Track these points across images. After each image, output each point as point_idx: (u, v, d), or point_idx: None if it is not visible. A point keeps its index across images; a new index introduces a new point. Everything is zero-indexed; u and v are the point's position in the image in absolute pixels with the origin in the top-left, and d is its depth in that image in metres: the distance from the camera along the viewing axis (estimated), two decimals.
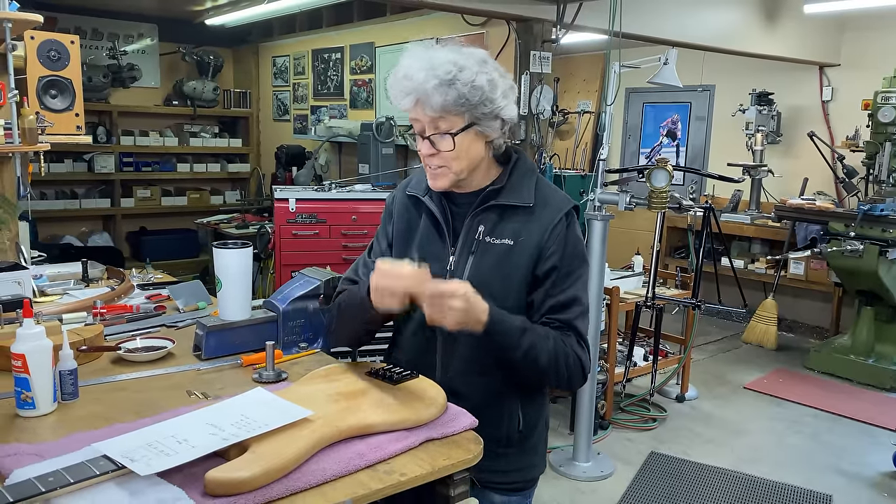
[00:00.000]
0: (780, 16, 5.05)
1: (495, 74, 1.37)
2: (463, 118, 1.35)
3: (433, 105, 1.32)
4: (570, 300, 1.42)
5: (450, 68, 1.31)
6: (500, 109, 1.37)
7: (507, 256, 1.42)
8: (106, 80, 6.22)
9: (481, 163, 1.43)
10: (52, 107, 2.23)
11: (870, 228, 4.38)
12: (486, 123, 1.37)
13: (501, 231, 1.43)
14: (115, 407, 1.37)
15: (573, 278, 1.43)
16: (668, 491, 3.19)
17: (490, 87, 1.34)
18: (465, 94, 1.32)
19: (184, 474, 1.06)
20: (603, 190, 3.21)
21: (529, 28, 4.01)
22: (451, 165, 1.39)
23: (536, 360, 1.36)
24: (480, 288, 1.37)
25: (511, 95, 1.40)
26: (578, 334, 1.42)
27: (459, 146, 1.37)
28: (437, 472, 1.18)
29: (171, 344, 1.70)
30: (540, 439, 1.55)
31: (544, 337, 1.38)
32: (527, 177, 1.46)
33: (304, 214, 4.14)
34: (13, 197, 2.22)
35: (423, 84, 1.31)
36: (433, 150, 1.38)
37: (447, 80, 1.30)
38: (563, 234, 1.42)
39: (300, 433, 1.16)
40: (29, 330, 1.30)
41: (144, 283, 2.39)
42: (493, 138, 1.41)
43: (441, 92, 1.31)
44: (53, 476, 0.99)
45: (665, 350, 4.22)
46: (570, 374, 1.40)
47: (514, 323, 1.35)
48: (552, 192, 1.48)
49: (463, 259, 1.45)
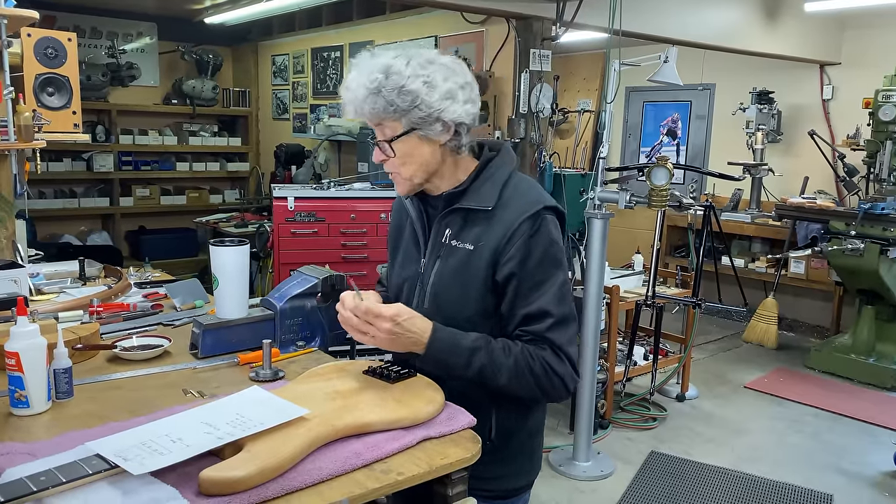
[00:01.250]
0: (781, 14, 5.04)
1: (437, 76, 1.31)
2: (400, 123, 1.32)
3: (366, 114, 1.32)
4: (539, 312, 1.34)
5: (376, 76, 1.29)
6: (440, 112, 1.31)
7: (468, 261, 1.37)
8: (105, 78, 6.20)
9: (441, 166, 1.39)
10: (50, 104, 2.22)
11: (870, 227, 4.37)
12: (428, 128, 1.33)
13: (466, 235, 1.39)
14: (110, 406, 1.36)
15: (542, 288, 1.34)
16: (668, 490, 3.17)
17: (427, 90, 1.30)
18: (394, 101, 1.29)
19: (178, 473, 1.05)
20: (603, 188, 3.20)
21: (529, 26, 3.99)
22: (401, 171, 1.38)
23: (495, 379, 1.32)
24: (443, 293, 1.40)
25: (459, 95, 1.33)
26: (554, 346, 1.34)
27: (402, 152, 1.35)
28: (435, 471, 1.17)
29: (168, 342, 1.69)
30: (520, 450, 1.48)
31: (504, 355, 1.32)
32: (495, 176, 1.40)
33: (302, 213, 4.13)
34: (10, 195, 2.21)
35: (356, 93, 1.32)
36: (382, 157, 1.38)
37: (373, 89, 1.29)
38: (525, 240, 1.34)
39: (296, 432, 1.14)
40: (23, 328, 1.29)
41: (142, 282, 2.38)
42: (445, 141, 1.36)
43: (370, 101, 1.30)
44: (45, 475, 0.98)
45: (665, 349, 4.21)
46: (544, 388, 1.34)
47: (462, 343, 1.32)
48: (519, 195, 1.39)
49: (431, 262, 1.43)
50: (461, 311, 1.38)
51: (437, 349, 1.31)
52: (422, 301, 1.44)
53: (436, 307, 1.40)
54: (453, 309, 1.38)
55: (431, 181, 1.41)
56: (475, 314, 1.38)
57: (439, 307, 1.40)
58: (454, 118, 1.34)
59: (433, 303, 1.41)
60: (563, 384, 1.35)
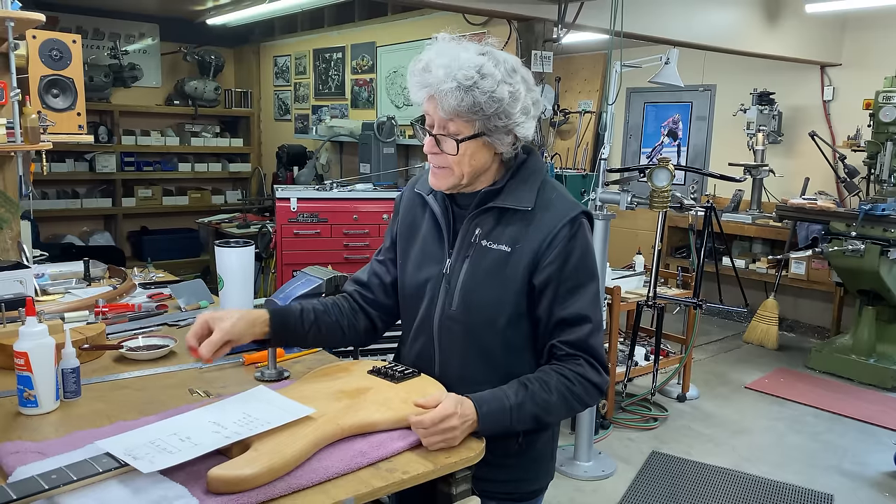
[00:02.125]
0: (782, 15, 5.05)
1: (521, 87, 1.29)
2: (473, 125, 1.28)
3: (445, 107, 1.26)
4: (577, 317, 1.32)
5: (471, 73, 1.24)
6: (516, 126, 1.29)
7: (504, 263, 1.34)
8: (107, 79, 6.22)
9: (486, 171, 1.36)
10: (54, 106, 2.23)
11: (871, 228, 4.37)
12: (498, 136, 1.30)
13: (499, 235, 1.35)
14: (118, 405, 1.37)
15: (579, 293, 1.32)
16: (669, 491, 3.18)
17: (511, 100, 1.27)
18: (482, 104, 1.24)
19: (186, 472, 1.06)
20: (604, 189, 3.21)
21: (531, 27, 4.01)
22: (454, 169, 1.33)
23: (547, 419, 1.33)
24: (474, 294, 1.35)
25: (533, 111, 1.31)
26: (592, 355, 1.33)
27: (463, 153, 1.30)
28: (440, 470, 1.18)
29: (173, 342, 1.70)
30: (544, 451, 1.46)
31: (546, 393, 1.29)
32: (531, 179, 1.37)
33: (305, 214, 4.14)
34: (15, 196, 2.23)
35: (441, 83, 1.25)
36: (436, 149, 1.33)
37: (466, 86, 1.23)
38: (565, 244, 1.32)
39: (302, 431, 1.16)
40: (31, 328, 1.31)
41: (146, 282, 2.39)
42: (502, 151, 1.33)
43: (456, 96, 1.24)
44: (56, 473, 0.99)
45: (666, 350, 4.22)
46: (585, 404, 1.35)
47: (506, 404, 1.27)
48: (558, 197, 1.37)
49: (459, 263, 1.38)
50: (494, 314, 1.35)
51: (490, 421, 1.26)
52: (449, 303, 1.38)
53: (466, 309, 1.36)
54: (486, 311, 1.35)
55: (472, 182, 1.37)
56: (508, 317, 1.35)
57: (470, 309, 1.36)
58: (525, 135, 1.32)
59: (463, 304, 1.36)
60: (600, 392, 1.35)
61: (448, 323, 1.39)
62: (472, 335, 1.37)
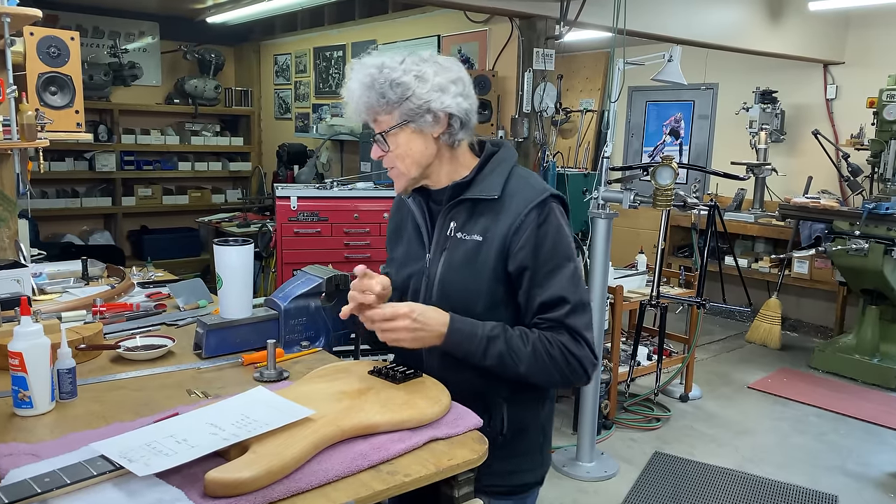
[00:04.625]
0: (785, 13, 5.03)
1: (428, 69, 1.35)
2: (393, 116, 1.36)
3: (359, 109, 1.37)
4: (556, 298, 1.35)
5: (371, 71, 1.34)
6: (430, 102, 1.34)
7: (476, 252, 1.38)
8: (107, 78, 6.20)
9: (437, 159, 1.40)
10: (52, 103, 2.22)
11: (875, 227, 4.35)
12: (420, 119, 1.35)
13: (472, 226, 1.40)
14: (114, 406, 1.35)
15: (556, 275, 1.36)
16: (672, 491, 3.16)
17: (418, 82, 1.33)
18: (385, 93, 1.33)
19: (183, 475, 1.04)
20: (607, 188, 3.19)
21: (533, 25, 3.98)
22: (398, 166, 1.40)
23: (514, 366, 1.34)
24: (451, 285, 1.41)
25: (451, 88, 1.35)
26: (572, 331, 1.35)
27: (395, 145, 1.37)
28: (442, 472, 1.16)
29: (172, 342, 1.68)
30: (533, 444, 1.48)
31: (522, 342, 1.33)
32: (499, 168, 1.42)
33: (305, 212, 4.12)
34: (12, 194, 2.21)
35: (353, 91, 1.36)
36: (379, 153, 1.40)
37: (367, 83, 1.34)
38: (535, 229, 1.35)
39: (302, 433, 1.14)
40: (26, 328, 1.28)
41: (145, 282, 2.37)
42: (438, 133, 1.37)
43: (364, 95, 1.34)
44: (50, 476, 0.97)
45: (669, 349, 4.20)
46: (563, 374, 1.35)
47: (479, 332, 1.33)
48: (524, 183, 1.41)
49: (437, 256, 1.44)
50: (470, 303, 1.38)
51: (455, 341, 1.33)
52: (429, 295, 1.44)
53: (444, 299, 1.40)
54: (462, 301, 1.38)
55: (429, 176, 1.43)
56: (484, 305, 1.38)
57: (448, 299, 1.40)
58: (444, 108, 1.35)
59: (441, 295, 1.41)
60: (583, 368, 1.36)
61: None
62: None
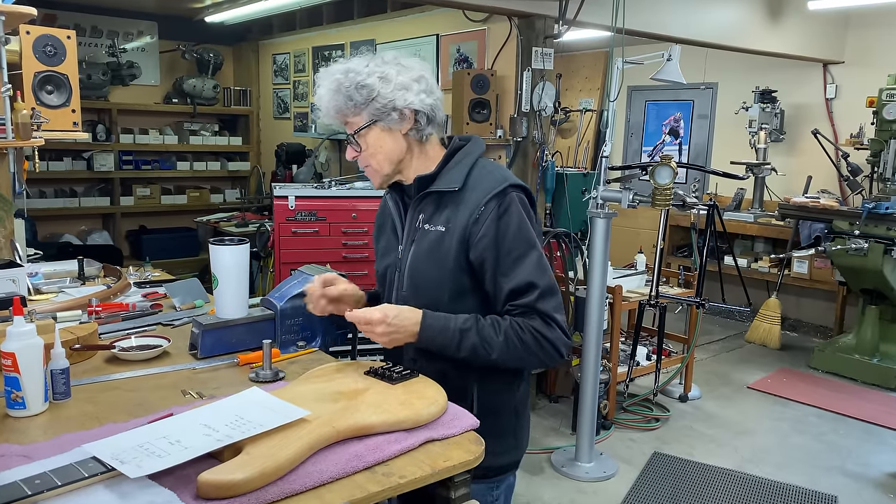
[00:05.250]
0: (784, 12, 5.02)
1: (390, 71, 1.42)
2: (362, 117, 1.43)
3: (330, 113, 1.44)
4: (525, 284, 1.40)
5: (336, 77, 1.42)
6: (394, 101, 1.41)
7: (440, 243, 1.44)
8: (105, 77, 6.19)
9: (407, 154, 1.48)
10: (48, 103, 2.21)
11: (874, 227, 4.34)
12: (388, 117, 1.43)
13: (437, 218, 1.46)
14: (108, 407, 1.34)
15: (522, 263, 1.41)
16: (671, 491, 3.15)
17: (382, 83, 1.41)
18: (352, 95, 1.40)
19: (176, 476, 1.03)
20: (606, 187, 3.18)
21: (531, 24, 3.97)
22: (371, 163, 1.48)
23: (488, 356, 1.39)
24: (418, 276, 1.48)
25: (414, 86, 1.43)
26: (544, 315, 1.40)
27: (367, 144, 1.45)
28: (438, 473, 1.15)
29: (167, 343, 1.67)
30: (506, 427, 1.52)
31: (494, 331, 1.39)
32: (463, 161, 1.48)
33: (303, 212, 4.11)
34: (8, 194, 2.20)
35: (322, 98, 1.44)
36: (354, 153, 1.48)
37: (333, 88, 1.42)
38: (495, 219, 1.41)
39: (297, 434, 1.12)
40: (19, 328, 1.27)
41: (141, 281, 2.36)
42: (406, 130, 1.45)
43: (333, 99, 1.42)
44: (40, 478, 0.96)
45: (668, 349, 4.19)
46: (538, 357, 1.41)
47: (452, 326, 1.39)
48: (486, 175, 1.46)
49: (407, 248, 1.51)
50: (437, 292, 1.44)
51: (428, 336, 1.39)
52: (401, 285, 1.51)
53: (414, 289, 1.48)
54: (430, 290, 1.45)
55: (402, 171, 1.50)
56: (450, 295, 1.44)
57: (417, 289, 1.48)
58: (408, 105, 1.42)
59: (411, 285, 1.49)
60: (555, 349, 1.42)
61: (402, 304, 1.46)
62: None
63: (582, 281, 3.80)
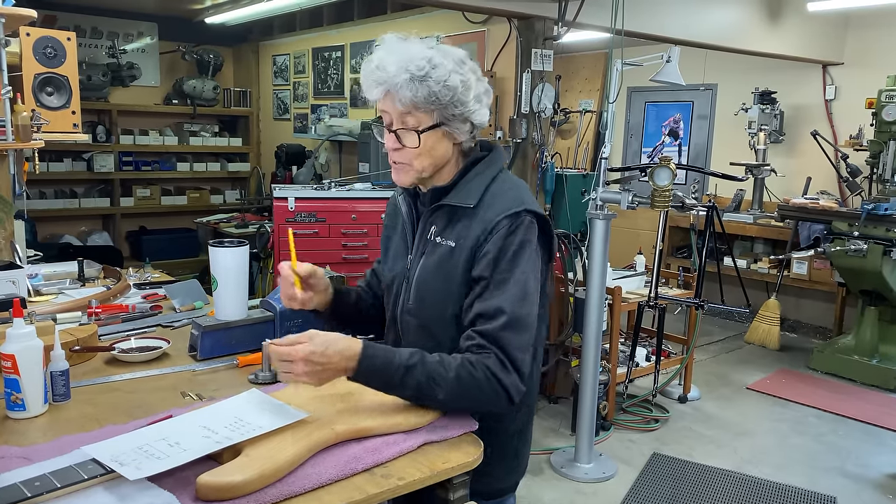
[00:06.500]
0: (783, 14, 5.02)
1: (471, 76, 1.34)
2: (431, 116, 1.33)
3: (402, 99, 1.30)
4: (494, 310, 1.29)
5: (423, 64, 1.28)
6: (472, 113, 1.35)
7: (448, 258, 1.36)
8: (105, 78, 6.19)
9: (447, 163, 1.39)
10: (49, 104, 2.21)
11: (874, 228, 4.35)
12: (455, 125, 1.35)
13: (449, 232, 1.38)
14: (108, 408, 1.34)
15: (504, 287, 1.30)
16: (670, 492, 3.16)
17: (464, 88, 1.32)
18: (436, 93, 1.29)
19: (175, 478, 1.03)
20: (605, 189, 3.18)
21: (531, 25, 3.98)
22: (414, 163, 1.36)
23: (433, 394, 1.25)
24: (426, 289, 1.40)
25: (485, 100, 1.37)
26: (502, 351, 1.27)
27: (424, 144, 1.34)
28: (436, 475, 1.16)
29: (167, 344, 1.67)
30: (506, 449, 1.45)
31: (443, 369, 1.25)
32: (480, 176, 1.39)
33: (303, 213, 4.11)
34: (9, 195, 2.20)
35: (395, 77, 1.29)
36: (398, 145, 1.36)
37: (419, 76, 1.28)
38: (503, 238, 1.32)
39: (296, 436, 1.13)
40: (19, 330, 1.28)
41: (141, 283, 2.36)
42: (461, 140, 1.38)
43: (412, 87, 1.29)
44: (40, 480, 0.97)
45: (667, 350, 4.19)
46: (487, 398, 1.27)
47: (396, 360, 1.24)
48: (502, 195, 1.37)
49: (417, 259, 1.43)
50: (442, 307, 1.37)
51: (368, 371, 1.23)
52: (407, 297, 1.44)
53: (419, 303, 1.41)
54: (436, 306, 1.38)
55: (433, 176, 1.41)
56: (454, 311, 1.37)
57: (423, 303, 1.40)
58: (481, 121, 1.37)
59: (417, 299, 1.41)
60: (507, 395, 1.28)
61: (407, 317, 1.44)
62: (426, 328, 1.41)
63: (581, 282, 3.80)
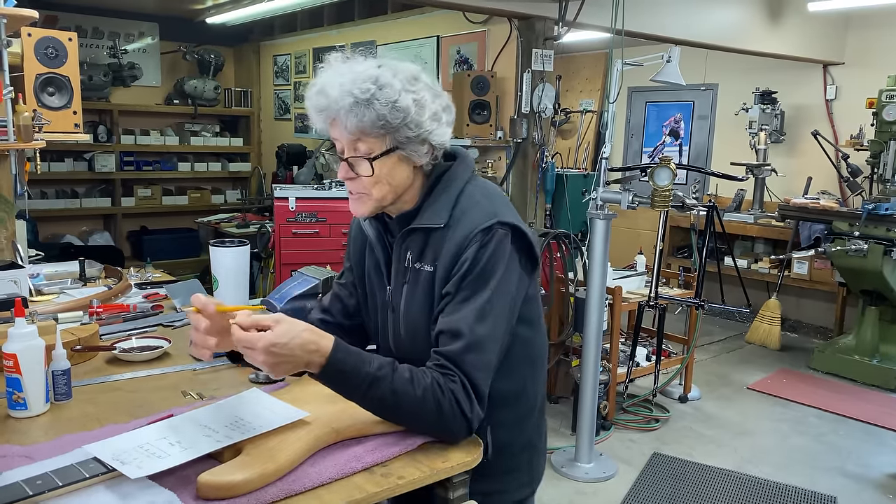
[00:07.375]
0: (784, 14, 5.02)
1: (425, 94, 1.22)
2: (384, 141, 1.21)
3: (348, 126, 1.19)
4: (452, 330, 1.20)
5: (368, 86, 1.17)
6: (429, 133, 1.23)
7: (431, 284, 1.27)
8: (106, 78, 6.20)
9: (409, 187, 1.28)
10: (50, 104, 2.22)
11: (874, 228, 4.35)
12: (412, 148, 1.23)
13: (427, 255, 1.28)
14: (109, 408, 1.35)
15: (466, 304, 1.21)
16: (670, 492, 3.16)
17: (417, 108, 1.20)
18: (385, 116, 1.18)
19: (176, 477, 1.04)
20: (606, 189, 3.19)
21: (531, 25, 3.98)
22: (372, 192, 1.24)
23: (395, 410, 1.18)
24: (415, 321, 1.30)
25: (445, 117, 1.26)
26: (466, 377, 1.19)
27: (380, 171, 1.22)
28: (436, 474, 1.16)
29: (168, 343, 1.68)
30: (518, 463, 1.39)
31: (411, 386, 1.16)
32: (445, 193, 1.28)
33: (304, 213, 4.12)
34: (10, 195, 2.21)
35: (337, 101, 1.18)
36: (351, 174, 1.24)
37: (363, 99, 1.17)
38: (473, 254, 1.22)
39: (296, 435, 1.13)
40: (20, 329, 1.28)
41: (142, 282, 2.37)
42: (421, 163, 1.26)
43: (357, 112, 1.17)
44: (42, 479, 0.97)
45: (668, 350, 4.19)
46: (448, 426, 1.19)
47: (366, 368, 1.15)
48: (472, 209, 1.27)
49: (398, 288, 1.32)
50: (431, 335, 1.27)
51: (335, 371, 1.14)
52: (397, 329, 1.34)
53: (412, 336, 1.31)
54: (428, 333, 1.28)
55: (395, 203, 1.29)
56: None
57: (416, 335, 1.31)
58: (441, 142, 1.26)
59: (409, 332, 1.32)
60: (468, 427, 1.21)
61: (402, 348, 1.35)
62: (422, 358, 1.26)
63: (582, 282, 3.81)
